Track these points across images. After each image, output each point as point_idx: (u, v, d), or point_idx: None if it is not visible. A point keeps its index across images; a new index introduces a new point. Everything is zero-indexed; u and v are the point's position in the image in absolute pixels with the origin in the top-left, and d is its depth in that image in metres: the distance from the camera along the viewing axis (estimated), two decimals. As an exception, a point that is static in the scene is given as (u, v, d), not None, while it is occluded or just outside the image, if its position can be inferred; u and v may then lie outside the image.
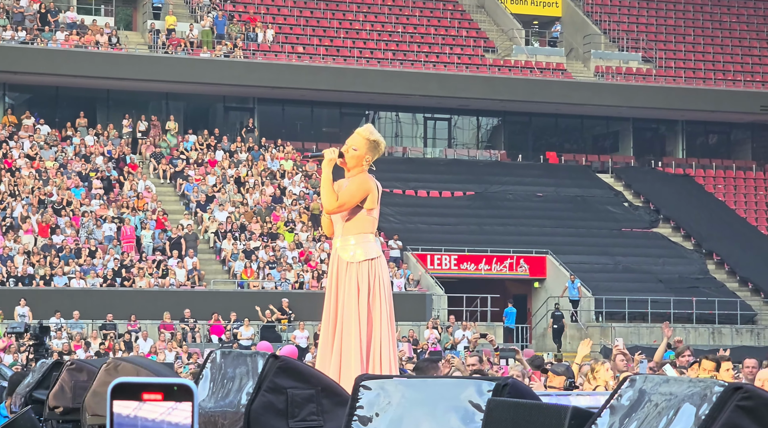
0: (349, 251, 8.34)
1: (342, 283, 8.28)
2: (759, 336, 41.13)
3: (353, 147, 8.43)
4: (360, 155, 8.42)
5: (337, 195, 8.33)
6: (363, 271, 8.27)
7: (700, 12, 55.42)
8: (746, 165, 51.91)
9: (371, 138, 8.44)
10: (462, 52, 49.44)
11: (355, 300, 8.20)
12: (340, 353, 8.15)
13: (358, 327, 8.14)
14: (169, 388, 2.41)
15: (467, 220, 44.18)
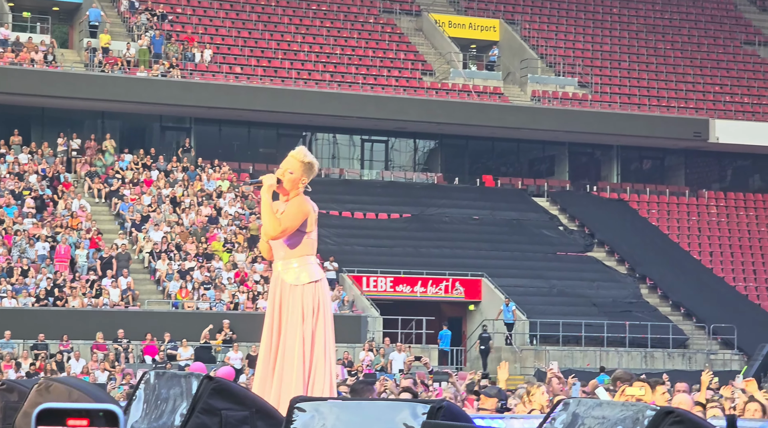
0: (292, 274, 8.36)
1: (285, 306, 8.28)
2: (690, 361, 41.49)
3: (289, 170, 8.48)
4: (296, 178, 8.47)
5: (279, 220, 8.33)
6: (307, 294, 8.29)
7: (636, 39, 56.01)
8: (680, 190, 52.44)
9: (305, 160, 8.50)
10: (400, 75, 49.60)
11: (299, 322, 8.19)
12: (281, 375, 8.13)
13: (301, 349, 8.13)
14: (94, 414, 2.39)
15: (403, 242, 44.24)
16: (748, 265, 48.53)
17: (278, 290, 8.37)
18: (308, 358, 8.15)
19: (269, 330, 8.28)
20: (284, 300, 8.31)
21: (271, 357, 8.24)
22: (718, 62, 55.65)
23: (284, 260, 8.42)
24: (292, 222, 8.35)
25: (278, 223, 8.31)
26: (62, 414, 2.39)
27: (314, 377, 8.14)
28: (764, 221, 51.26)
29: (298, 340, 8.14)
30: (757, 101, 53.47)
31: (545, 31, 55.11)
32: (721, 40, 57.37)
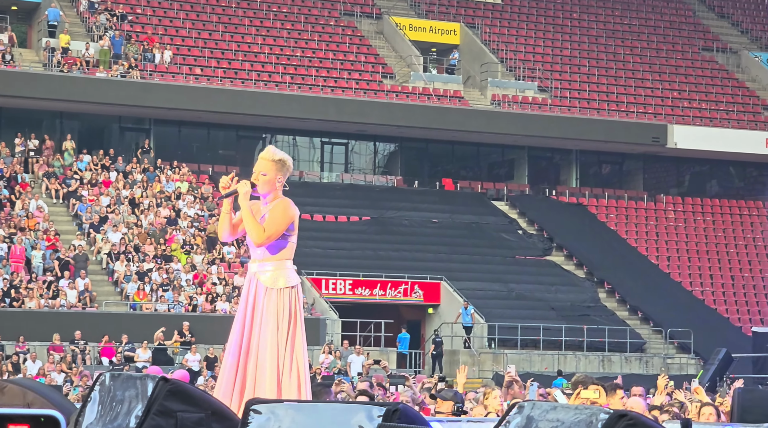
0: (269, 276, 8.23)
1: (259, 308, 8.15)
2: (647, 365, 41.69)
3: (261, 172, 8.43)
4: (271, 179, 8.41)
5: (263, 227, 8.27)
6: (284, 298, 8.17)
7: (595, 44, 56.27)
8: (638, 195, 52.71)
9: (275, 158, 8.43)
10: (360, 78, 49.61)
11: (273, 326, 8.06)
12: (253, 379, 8.01)
13: (275, 353, 8.01)
14: (35, 419, 2.38)
15: (363, 245, 44.25)
16: (705, 270, 48.84)
17: (253, 292, 8.21)
18: (282, 364, 8.03)
19: (241, 332, 8.17)
20: (258, 302, 8.17)
21: (236, 359, 8.11)
22: (676, 68, 55.99)
23: (261, 261, 8.29)
24: (277, 227, 8.30)
25: (262, 230, 8.24)
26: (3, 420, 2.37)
27: (288, 383, 8.02)
28: (721, 226, 51.60)
29: (271, 344, 8.02)
30: (715, 107, 53.83)
31: (505, 35, 55.26)
32: (679, 45, 57.73)
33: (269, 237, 8.23)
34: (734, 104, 54.54)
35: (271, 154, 8.47)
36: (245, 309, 8.19)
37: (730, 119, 53.11)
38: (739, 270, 48.92)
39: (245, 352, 8.09)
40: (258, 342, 8.06)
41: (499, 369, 38.16)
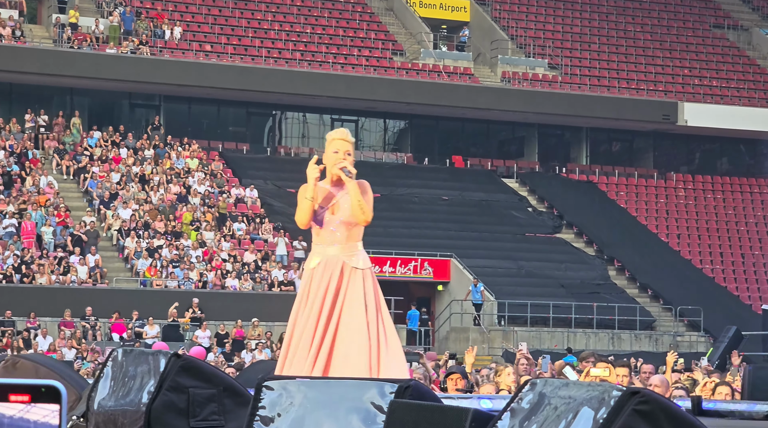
0: (356, 258, 8.26)
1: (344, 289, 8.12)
2: (657, 342, 41.72)
3: (347, 152, 8.50)
4: (352, 161, 8.52)
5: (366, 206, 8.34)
6: (369, 277, 8.23)
7: (606, 21, 56.12)
8: (648, 173, 52.63)
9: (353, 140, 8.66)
10: (370, 55, 49.54)
11: (363, 305, 8.08)
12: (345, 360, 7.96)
13: (366, 331, 8.00)
14: (36, 390, 2.39)
15: (373, 222, 43.76)
16: (715, 248, 48.80)
17: (337, 272, 8.15)
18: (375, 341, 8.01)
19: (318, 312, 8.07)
20: (343, 283, 8.13)
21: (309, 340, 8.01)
22: (687, 45, 55.83)
23: (346, 244, 8.26)
24: (371, 207, 8.41)
25: (370, 210, 8.33)
26: (4, 390, 2.39)
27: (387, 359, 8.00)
28: (731, 204, 51.53)
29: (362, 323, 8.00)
30: (726, 84, 53.69)
31: (516, 12, 55.13)
32: (690, 23, 57.54)
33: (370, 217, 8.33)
34: (745, 82, 54.39)
35: (350, 136, 8.63)
36: (326, 291, 8.09)
37: (740, 97, 52.97)
38: (750, 248, 48.88)
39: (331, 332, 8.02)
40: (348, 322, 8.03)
41: (508, 346, 38.21)
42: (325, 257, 8.21)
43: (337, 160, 8.39)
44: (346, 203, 8.34)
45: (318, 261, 8.22)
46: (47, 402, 2.39)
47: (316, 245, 8.34)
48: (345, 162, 8.39)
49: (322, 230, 8.30)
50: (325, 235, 8.28)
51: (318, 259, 8.23)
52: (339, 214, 8.29)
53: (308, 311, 8.11)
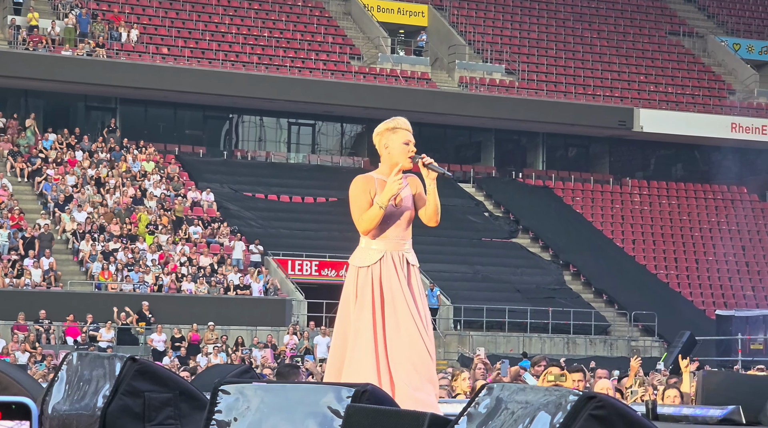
0: (413, 254, 7.97)
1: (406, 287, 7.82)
2: (612, 347, 41.90)
3: (383, 145, 8.13)
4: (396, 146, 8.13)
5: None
6: (419, 275, 8.01)
7: (563, 27, 56.36)
8: (604, 178, 52.89)
9: (381, 129, 8.19)
10: (328, 59, 49.51)
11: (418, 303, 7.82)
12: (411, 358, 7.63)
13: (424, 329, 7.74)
14: (6, 407, 2.37)
15: (329, 226, 44.21)
16: (669, 253, 49.09)
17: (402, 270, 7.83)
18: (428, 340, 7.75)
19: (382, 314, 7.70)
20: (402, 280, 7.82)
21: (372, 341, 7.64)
22: (643, 52, 56.16)
23: (404, 240, 7.96)
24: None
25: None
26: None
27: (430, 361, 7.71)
28: (686, 210, 51.86)
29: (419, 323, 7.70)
30: (681, 91, 54.04)
31: (473, 17, 55.27)
32: (646, 29, 57.90)
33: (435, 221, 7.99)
34: (700, 89, 54.77)
35: (378, 129, 8.21)
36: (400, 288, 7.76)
37: (695, 103, 53.33)
38: (704, 253, 49.19)
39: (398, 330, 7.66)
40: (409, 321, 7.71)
41: (464, 351, 38.27)
42: (386, 253, 7.86)
43: (408, 151, 8.01)
44: (408, 196, 7.99)
45: (380, 256, 7.85)
46: (17, 419, 2.37)
47: (373, 239, 7.94)
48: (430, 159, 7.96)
49: (383, 224, 7.93)
50: (387, 229, 7.92)
51: (379, 255, 7.86)
52: (403, 208, 7.95)
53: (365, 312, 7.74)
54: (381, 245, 7.89)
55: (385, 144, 8.09)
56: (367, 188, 8.00)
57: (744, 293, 47.23)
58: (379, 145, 8.14)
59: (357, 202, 7.97)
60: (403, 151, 8.02)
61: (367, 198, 7.94)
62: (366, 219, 7.87)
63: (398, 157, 7.98)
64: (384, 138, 8.11)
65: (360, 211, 7.95)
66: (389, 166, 8.02)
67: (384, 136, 8.11)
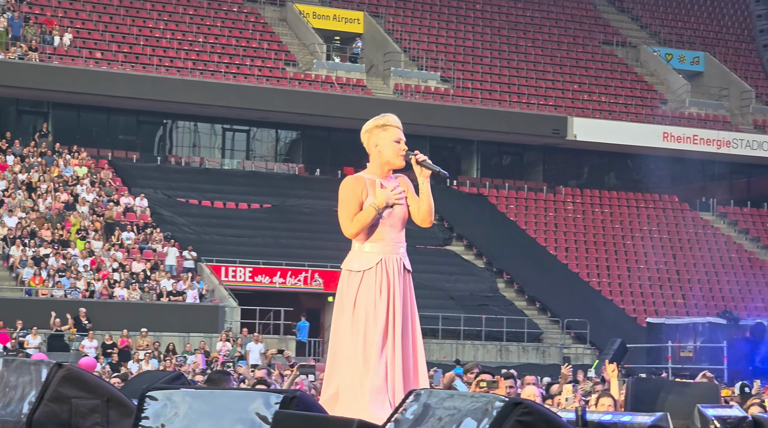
0: (407, 259, 7.57)
1: (402, 293, 7.46)
2: (545, 354, 42.13)
3: (374, 144, 7.64)
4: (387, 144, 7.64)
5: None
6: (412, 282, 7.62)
7: (498, 35, 56.63)
8: (538, 186, 53.18)
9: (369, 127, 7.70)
10: (263, 65, 49.39)
11: (416, 313, 7.55)
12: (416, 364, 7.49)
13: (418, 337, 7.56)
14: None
15: (263, 233, 44.12)
16: (602, 261, 49.44)
17: (399, 275, 7.42)
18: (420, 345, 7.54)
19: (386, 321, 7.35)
20: (398, 286, 7.42)
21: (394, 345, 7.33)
22: (577, 61, 56.57)
23: (400, 243, 7.52)
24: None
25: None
26: None
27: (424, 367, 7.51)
28: (618, 218, 52.27)
29: (418, 329, 7.51)
30: (614, 100, 54.49)
31: (409, 24, 55.40)
32: (580, 39, 58.32)
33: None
34: (633, 98, 55.26)
35: (365, 126, 7.74)
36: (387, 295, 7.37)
37: (628, 113, 53.79)
38: (635, 261, 49.60)
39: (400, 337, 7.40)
40: (411, 328, 7.51)
41: (397, 357, 38.27)
42: (383, 256, 7.42)
43: (400, 150, 7.57)
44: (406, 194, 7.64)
45: (377, 261, 7.41)
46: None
47: (369, 242, 7.48)
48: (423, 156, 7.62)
49: (379, 227, 7.48)
50: (383, 232, 7.48)
51: (376, 259, 7.42)
52: (398, 210, 7.55)
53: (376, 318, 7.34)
54: (377, 248, 7.45)
55: (374, 142, 7.61)
56: (358, 189, 7.48)
57: (674, 301, 47.69)
58: (367, 143, 7.66)
59: (346, 204, 7.45)
60: (395, 149, 7.59)
61: (357, 200, 7.45)
62: (358, 222, 7.40)
63: (389, 156, 7.57)
64: (373, 136, 7.65)
65: (349, 213, 7.44)
66: (379, 165, 7.59)
67: (373, 134, 7.65)
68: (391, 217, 7.49)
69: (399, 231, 7.52)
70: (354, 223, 7.42)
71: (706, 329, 38.52)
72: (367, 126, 7.70)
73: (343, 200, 7.47)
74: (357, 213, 7.42)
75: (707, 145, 52.81)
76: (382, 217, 7.47)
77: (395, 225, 7.50)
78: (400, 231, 7.53)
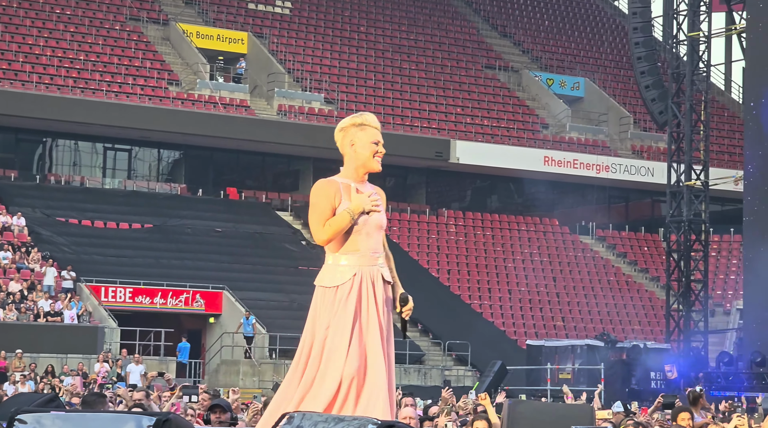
0: (386, 269, 7.10)
1: (378, 308, 6.93)
2: (426, 376, 42.28)
3: (350, 144, 7.21)
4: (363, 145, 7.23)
5: None
6: (390, 293, 7.10)
7: (382, 58, 56.90)
8: (420, 209, 53.47)
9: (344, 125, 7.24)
10: (146, 84, 48.99)
11: (391, 325, 7.00)
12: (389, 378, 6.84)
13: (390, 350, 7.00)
14: None
15: (144, 253, 43.67)
16: (483, 284, 49.82)
17: (378, 286, 6.97)
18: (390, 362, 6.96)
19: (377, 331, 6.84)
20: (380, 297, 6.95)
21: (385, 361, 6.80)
22: (460, 84, 57.06)
23: (377, 253, 7.08)
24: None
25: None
26: None
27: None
28: (500, 241, 52.75)
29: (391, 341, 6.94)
30: (496, 124, 55.05)
31: (293, 46, 55.40)
32: (463, 62, 58.85)
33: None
34: (514, 122, 55.88)
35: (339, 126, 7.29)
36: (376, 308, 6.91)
37: (510, 136, 54.38)
38: (516, 284, 50.08)
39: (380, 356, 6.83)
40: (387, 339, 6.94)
41: (279, 379, 38.11)
42: (359, 270, 6.98)
43: (377, 153, 7.20)
44: (382, 204, 7.25)
45: (353, 273, 6.99)
46: None
47: (344, 254, 7.05)
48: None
49: (353, 236, 7.03)
50: (357, 242, 7.03)
51: (352, 271, 6.99)
52: (376, 217, 7.15)
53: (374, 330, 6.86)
54: (352, 260, 6.99)
55: (351, 141, 7.17)
56: (331, 193, 7.04)
57: (554, 323, 48.23)
58: (342, 143, 7.18)
59: (318, 209, 6.98)
60: (372, 151, 7.20)
61: (330, 204, 7.00)
62: (331, 228, 6.93)
63: (366, 158, 7.17)
64: (349, 134, 7.19)
65: (321, 218, 6.97)
66: (354, 167, 7.16)
67: (349, 133, 7.19)
68: (367, 225, 7.04)
69: (376, 240, 7.06)
70: (326, 229, 6.96)
71: (584, 351, 39.00)
72: (343, 124, 7.22)
73: (315, 205, 7.01)
74: (329, 218, 6.95)
75: (587, 169, 53.59)
76: (356, 225, 6.99)
77: (371, 234, 7.04)
78: (376, 240, 7.07)
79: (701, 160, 42.98)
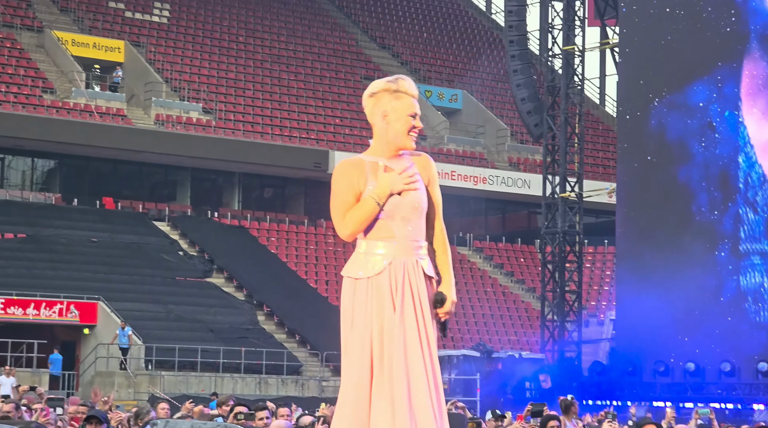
0: (427, 260, 5.95)
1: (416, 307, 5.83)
2: (303, 387, 42.22)
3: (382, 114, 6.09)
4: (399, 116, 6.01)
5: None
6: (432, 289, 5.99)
7: (260, 68, 56.77)
8: (299, 219, 53.42)
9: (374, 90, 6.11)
10: (19, 91, 48.23)
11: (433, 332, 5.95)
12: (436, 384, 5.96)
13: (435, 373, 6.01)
14: None
15: (17, 263, 42.92)
16: (361, 294, 49.85)
17: (414, 279, 5.84)
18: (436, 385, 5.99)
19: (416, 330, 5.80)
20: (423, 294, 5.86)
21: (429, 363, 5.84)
22: (339, 95, 57.17)
23: (417, 240, 5.91)
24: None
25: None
26: None
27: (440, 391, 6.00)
28: (378, 251, 52.87)
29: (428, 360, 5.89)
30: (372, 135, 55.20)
31: (171, 55, 55.00)
32: (342, 73, 58.99)
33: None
34: (393, 133, 56.10)
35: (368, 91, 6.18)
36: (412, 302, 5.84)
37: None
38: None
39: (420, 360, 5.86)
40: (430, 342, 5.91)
41: (155, 391, 37.76)
42: (393, 257, 5.85)
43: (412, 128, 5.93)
44: (420, 182, 6.01)
45: (386, 262, 5.85)
46: None
47: (374, 240, 5.92)
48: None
49: (385, 220, 5.90)
50: (391, 226, 5.90)
51: (386, 260, 5.86)
52: (411, 197, 5.95)
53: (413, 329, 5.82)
54: (387, 249, 5.85)
55: (383, 111, 6.07)
56: (353, 177, 6.05)
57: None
58: (372, 111, 6.14)
59: (339, 198, 6.04)
60: (408, 126, 5.98)
61: (352, 191, 6.02)
62: (352, 219, 5.93)
63: (397, 134, 5.99)
64: (382, 102, 6.09)
65: (342, 208, 6.01)
66: (386, 142, 6.06)
67: (382, 100, 6.09)
68: (401, 208, 5.89)
69: (415, 225, 5.92)
70: (347, 221, 5.95)
71: (460, 361, 39.30)
72: (374, 87, 6.15)
73: (335, 193, 6.07)
74: (352, 207, 5.92)
75: (464, 180, 54.05)
76: (385, 210, 5.89)
77: (407, 218, 5.88)
78: (416, 225, 5.93)
79: (576, 172, 43.60)
